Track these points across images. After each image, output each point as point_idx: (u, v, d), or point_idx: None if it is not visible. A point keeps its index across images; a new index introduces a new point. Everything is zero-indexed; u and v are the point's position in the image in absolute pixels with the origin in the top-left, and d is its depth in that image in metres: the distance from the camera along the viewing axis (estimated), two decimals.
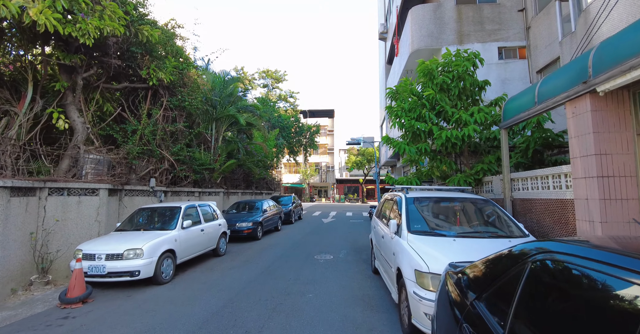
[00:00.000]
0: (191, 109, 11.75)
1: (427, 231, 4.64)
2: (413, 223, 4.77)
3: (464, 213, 5.29)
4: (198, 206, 8.62)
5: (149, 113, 10.11)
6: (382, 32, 20.75)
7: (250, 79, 42.51)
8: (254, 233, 12.06)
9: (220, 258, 9.10)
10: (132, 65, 9.54)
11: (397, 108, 7.83)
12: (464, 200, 5.44)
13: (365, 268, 7.72)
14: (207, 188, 14.04)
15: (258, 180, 20.40)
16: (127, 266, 6.06)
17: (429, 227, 4.81)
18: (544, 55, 11.07)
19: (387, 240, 5.36)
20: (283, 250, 10.08)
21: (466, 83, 7.74)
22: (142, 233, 7.00)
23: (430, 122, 7.46)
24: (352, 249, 10.23)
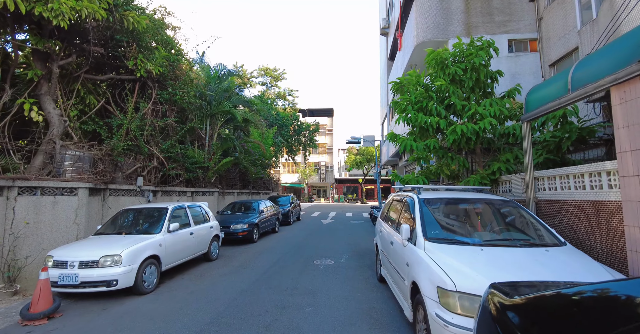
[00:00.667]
0: (183, 104, 11.06)
1: (447, 238, 3.97)
2: (430, 229, 4.10)
3: (485, 216, 4.63)
4: (187, 207, 7.94)
5: (136, 106, 9.41)
6: (383, 27, 20.09)
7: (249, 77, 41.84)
8: (250, 235, 11.38)
9: (212, 263, 8.41)
10: (118, 54, 8.85)
11: (403, 102, 7.15)
12: (484, 201, 4.78)
13: (370, 276, 7.05)
14: (200, 188, 13.35)
15: (255, 179, 19.71)
16: (103, 275, 5.37)
17: (449, 233, 4.14)
18: (557, 47, 10.42)
19: (397, 247, 4.69)
20: (280, 254, 9.40)
21: (481, 74, 7.08)
22: (123, 237, 6.31)
23: (438, 115, 6.79)
24: (354, 253, 9.55)
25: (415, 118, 6.72)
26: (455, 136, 6.48)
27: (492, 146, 7.74)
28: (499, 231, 4.33)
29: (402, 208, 5.41)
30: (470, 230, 4.30)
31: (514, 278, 2.77)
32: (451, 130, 6.33)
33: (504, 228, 4.39)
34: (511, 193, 6.29)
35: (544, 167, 6.39)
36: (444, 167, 7.65)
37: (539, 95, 5.38)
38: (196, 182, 13.36)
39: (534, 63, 11.52)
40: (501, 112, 6.46)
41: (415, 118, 6.73)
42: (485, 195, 5.11)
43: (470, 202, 4.78)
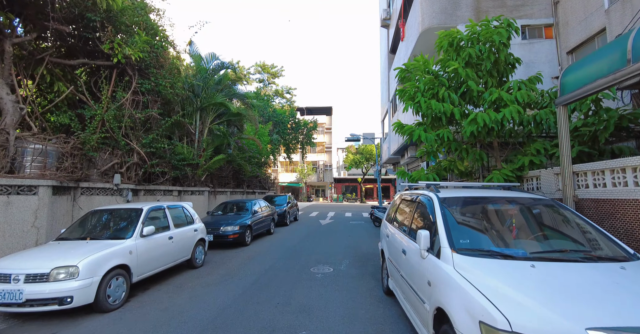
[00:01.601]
0: (168, 95, 10.11)
1: (482, 249, 3.06)
2: (457, 237, 3.19)
3: (521, 219, 3.71)
4: (167, 208, 7.00)
5: (113, 96, 8.46)
6: (384, 18, 19.18)
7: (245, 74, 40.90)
8: (241, 238, 10.45)
9: (196, 271, 7.48)
10: (91, 37, 7.90)
11: (410, 88, 6.24)
12: (517, 201, 3.87)
13: (375, 287, 6.14)
14: (189, 187, 12.42)
15: (250, 178, 18.77)
16: (55, 291, 4.44)
17: (482, 242, 3.23)
18: (577, 32, 9.53)
19: (412, 258, 3.78)
20: (274, 260, 8.48)
21: (501, 55, 6.18)
22: (86, 243, 5.38)
23: (451, 103, 5.88)
24: (355, 258, 8.64)
25: (427, 105, 5.80)
26: (473, 127, 5.57)
27: (511, 139, 6.84)
28: (542, 239, 3.42)
29: (414, 210, 4.50)
30: (507, 238, 3.38)
31: (606, 316, 1.87)
32: (470, 120, 5.42)
33: (548, 234, 3.49)
34: (540, 191, 5.39)
35: (577, 161, 5.50)
36: (458, 162, 6.75)
37: (580, 74, 4.48)
38: (184, 181, 12.43)
39: (550, 51, 10.63)
40: (529, 97, 5.56)
41: (428, 105, 5.81)
42: (516, 193, 4.21)
43: (501, 202, 3.87)
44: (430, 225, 3.67)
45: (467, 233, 3.36)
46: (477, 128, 5.52)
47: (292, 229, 15.17)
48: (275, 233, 13.82)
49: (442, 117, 5.86)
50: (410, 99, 6.16)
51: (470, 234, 3.35)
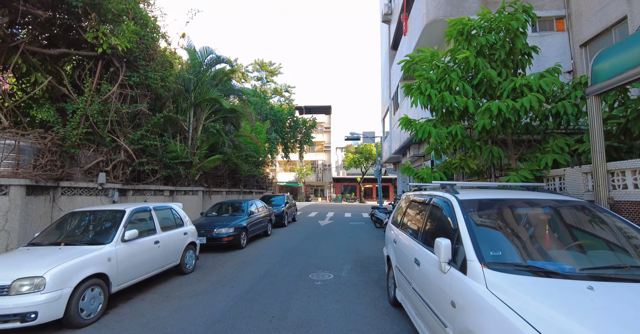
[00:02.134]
0: (158, 89, 9.54)
1: (519, 264, 2.51)
2: (487, 247, 2.65)
3: (556, 225, 3.18)
4: (153, 210, 6.44)
5: (97, 88, 7.89)
6: (385, 13, 18.63)
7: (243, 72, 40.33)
8: (236, 240, 9.90)
9: (185, 277, 6.93)
10: (73, 24, 7.33)
11: (419, 79, 5.68)
12: (549, 203, 3.34)
13: (379, 296, 5.60)
14: (182, 187, 11.85)
15: (247, 177, 18.21)
16: (17, 306, 3.88)
17: (517, 254, 2.69)
18: (592, 23, 9.00)
19: (428, 270, 3.24)
20: (270, 265, 7.93)
21: (517, 43, 5.64)
22: (59, 249, 4.82)
23: (465, 95, 5.34)
24: (357, 263, 8.10)
25: (438, 98, 5.25)
26: (487, 119, 5.02)
27: (527, 135, 6.31)
28: (584, 249, 2.88)
29: (428, 213, 3.96)
30: (544, 249, 2.84)
31: None
32: (484, 109, 4.86)
33: (591, 244, 2.95)
34: (565, 192, 4.86)
35: None
36: (469, 161, 6.21)
37: (615, 60, 3.94)
38: (177, 180, 11.86)
39: (561, 45, 10.10)
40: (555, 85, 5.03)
41: (439, 98, 5.26)
42: (544, 194, 3.67)
43: (531, 205, 3.33)
44: (450, 232, 3.13)
45: (496, 242, 2.82)
46: (490, 121, 4.97)
47: (290, 230, 14.62)
48: (273, 234, 13.28)
49: (455, 111, 5.32)
50: (418, 92, 5.61)
51: (500, 244, 2.81)
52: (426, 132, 5.46)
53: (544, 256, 2.73)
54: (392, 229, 5.58)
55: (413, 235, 4.23)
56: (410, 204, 5.00)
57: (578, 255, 2.75)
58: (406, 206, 5.16)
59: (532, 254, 2.75)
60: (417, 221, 4.40)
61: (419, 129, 5.44)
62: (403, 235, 4.66)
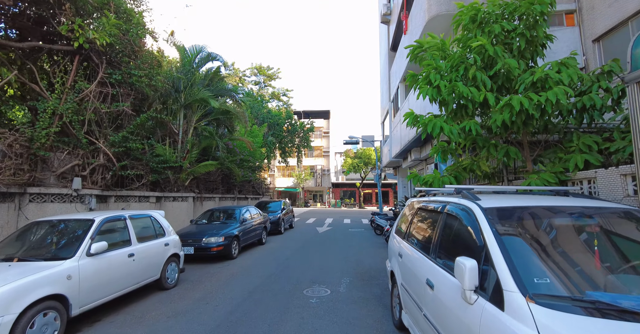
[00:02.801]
0: (143, 88, 8.91)
1: (579, 299, 1.84)
2: (528, 273, 2.00)
3: (605, 240, 2.52)
4: (128, 219, 5.76)
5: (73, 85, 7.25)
6: (384, 13, 18.14)
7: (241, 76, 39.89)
8: (227, 250, 9.20)
9: (166, 293, 6.23)
10: (45, 15, 6.72)
11: (427, 69, 5.06)
12: (592, 212, 2.68)
13: (383, 317, 4.91)
14: (171, 192, 11.18)
15: (242, 182, 17.53)
16: None
17: (568, 282, 2.03)
18: (606, 16, 8.44)
19: (446, 295, 2.58)
20: (261, 278, 7.24)
21: (539, 31, 5.05)
22: (8, 266, 4.14)
23: (484, 86, 4.72)
24: (357, 275, 7.41)
25: (449, 90, 4.62)
26: (506, 114, 4.39)
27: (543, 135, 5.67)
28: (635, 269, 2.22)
29: (440, 224, 3.30)
30: (599, 273, 2.18)
31: None
32: (504, 104, 4.23)
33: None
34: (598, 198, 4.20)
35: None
36: (481, 162, 5.57)
37: None
38: (166, 185, 11.20)
39: (572, 40, 9.53)
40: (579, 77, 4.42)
41: (450, 90, 4.62)
42: (582, 200, 3.03)
43: (574, 214, 2.68)
44: (474, 249, 2.48)
45: (538, 265, 2.16)
46: (510, 117, 4.34)
47: (286, 238, 13.92)
48: (268, 242, 12.58)
49: (469, 105, 4.69)
50: (426, 83, 4.99)
51: (544, 267, 2.14)
52: (437, 127, 4.79)
53: (601, 283, 2.07)
54: (396, 240, 4.92)
55: (423, 249, 3.57)
56: (417, 212, 4.34)
57: None
58: (412, 215, 4.50)
59: (587, 281, 2.08)
60: (426, 232, 3.74)
61: (429, 124, 4.77)
62: (410, 248, 3.99)
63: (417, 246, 3.80)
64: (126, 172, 8.40)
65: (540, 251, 2.30)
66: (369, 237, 14.25)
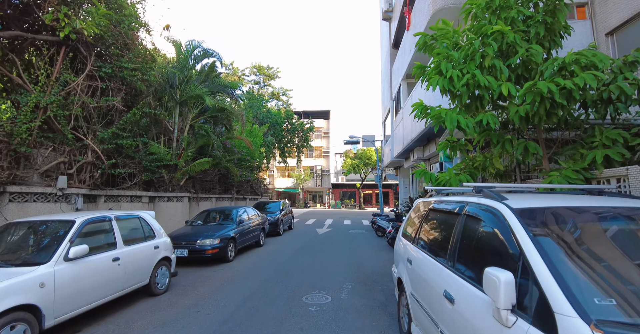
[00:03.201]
0: (135, 82, 8.50)
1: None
2: (584, 292, 1.59)
3: None
4: (114, 220, 5.34)
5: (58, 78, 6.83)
6: (386, 10, 17.76)
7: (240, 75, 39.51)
8: (222, 253, 8.79)
9: (155, 299, 5.81)
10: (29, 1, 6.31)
11: (438, 58, 4.64)
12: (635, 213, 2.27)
13: (389, 327, 4.50)
14: (165, 192, 10.76)
15: (240, 182, 17.10)
16: None
17: (634, 301, 1.61)
18: (620, 8, 8.04)
19: (472, 314, 2.17)
20: (258, 283, 6.82)
21: (560, 17, 4.65)
22: None
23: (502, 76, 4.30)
24: (359, 280, 7.00)
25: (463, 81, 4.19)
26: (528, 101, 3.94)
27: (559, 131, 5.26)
28: None
29: (459, 227, 2.89)
30: None
31: None
32: (526, 91, 3.82)
33: None
34: None
35: None
36: (494, 159, 5.16)
37: None
38: (160, 185, 10.79)
39: (584, 34, 9.13)
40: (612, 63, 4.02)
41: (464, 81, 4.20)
42: (626, 200, 2.61)
43: (627, 218, 2.26)
44: (507, 258, 2.07)
45: (596, 281, 1.75)
46: (532, 107, 3.93)
47: (285, 240, 13.50)
48: (266, 244, 12.16)
49: (485, 96, 4.28)
50: (436, 73, 4.58)
51: (603, 284, 1.73)
52: (453, 120, 4.35)
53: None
54: (403, 244, 4.51)
55: (437, 255, 3.15)
56: (428, 214, 3.93)
57: None
58: (422, 217, 4.09)
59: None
60: (441, 237, 3.33)
61: (445, 117, 4.32)
62: (421, 254, 3.58)
63: (429, 252, 3.39)
64: (116, 171, 7.99)
65: (592, 263, 1.89)
66: (370, 239, 13.83)
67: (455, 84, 4.45)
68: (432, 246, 3.47)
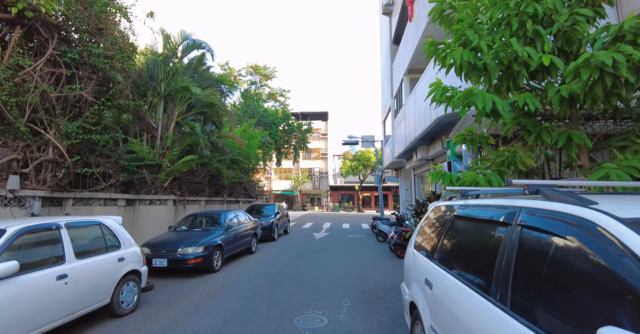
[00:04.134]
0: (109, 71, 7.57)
1: None
2: None
3: None
4: (65, 228, 4.40)
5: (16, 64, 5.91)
6: (386, 3, 16.92)
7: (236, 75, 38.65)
8: (207, 262, 7.85)
9: (118, 322, 4.87)
10: None
11: (462, 26, 3.73)
12: None
13: None
14: (147, 195, 9.81)
15: (233, 184, 16.16)
16: None
17: None
18: None
19: None
20: (243, 299, 5.88)
21: None
22: None
23: (546, 45, 3.41)
24: (361, 295, 6.06)
25: (494, 52, 3.28)
26: (572, 86, 3.09)
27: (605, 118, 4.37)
28: None
29: (509, 245, 1.98)
30: None
31: None
32: (579, 65, 2.93)
33: None
34: None
35: None
36: (524, 154, 4.26)
37: None
38: (142, 187, 9.84)
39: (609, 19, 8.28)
40: None
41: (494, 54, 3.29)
42: None
43: None
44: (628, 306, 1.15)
45: None
46: (584, 87, 3.04)
47: (279, 245, 12.55)
48: (259, 251, 11.22)
49: (522, 72, 3.38)
50: (460, 44, 3.68)
51: None
52: (487, 100, 3.40)
53: None
54: (417, 258, 3.59)
55: (473, 282, 2.24)
56: (452, 222, 3.02)
57: None
58: (443, 225, 3.18)
59: None
60: (478, 255, 2.42)
61: (477, 96, 3.35)
62: (446, 276, 2.66)
63: (460, 275, 2.47)
64: (84, 170, 7.04)
65: None
66: (370, 245, 12.90)
67: (484, 57, 3.55)
68: (462, 266, 2.55)
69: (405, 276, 4.04)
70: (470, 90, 3.42)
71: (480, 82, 3.88)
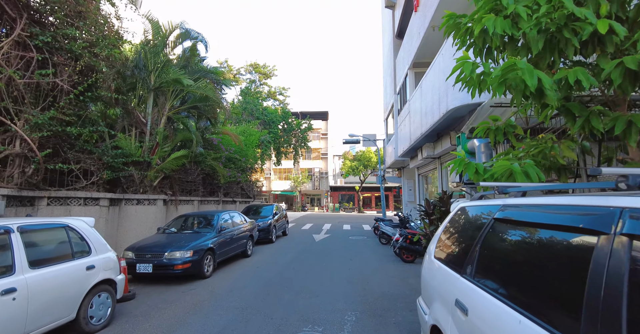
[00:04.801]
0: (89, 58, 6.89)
1: None
2: None
3: None
4: (17, 231, 3.71)
5: None
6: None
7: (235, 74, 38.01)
8: (196, 268, 7.17)
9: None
10: None
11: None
12: None
13: None
14: (134, 194, 9.13)
15: (229, 184, 15.47)
16: None
17: None
18: None
19: None
20: (234, 312, 5.19)
21: None
22: None
23: (603, 7, 2.74)
24: (366, 308, 5.37)
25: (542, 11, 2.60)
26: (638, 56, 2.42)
27: None
28: None
29: (608, 265, 1.28)
30: None
31: None
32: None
33: None
34: None
35: None
36: (565, 145, 3.58)
37: None
38: (130, 185, 9.17)
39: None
40: None
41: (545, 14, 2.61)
42: None
43: None
44: None
45: None
46: None
47: (277, 248, 11.86)
48: (255, 254, 10.54)
49: (573, 41, 2.69)
50: (490, 8, 3.00)
51: None
52: (533, 75, 2.65)
53: None
54: (442, 273, 2.90)
55: (548, 319, 1.54)
56: (492, 228, 2.32)
57: None
58: (479, 232, 2.48)
59: None
60: (549, 277, 1.72)
61: (525, 70, 2.62)
62: (496, 304, 1.95)
63: (516, 303, 1.78)
64: (57, 165, 6.35)
65: None
66: (373, 247, 12.21)
67: (522, 24, 2.86)
68: (517, 290, 1.86)
69: (424, 290, 3.35)
70: (511, 62, 2.72)
71: (515, 59, 3.19)
